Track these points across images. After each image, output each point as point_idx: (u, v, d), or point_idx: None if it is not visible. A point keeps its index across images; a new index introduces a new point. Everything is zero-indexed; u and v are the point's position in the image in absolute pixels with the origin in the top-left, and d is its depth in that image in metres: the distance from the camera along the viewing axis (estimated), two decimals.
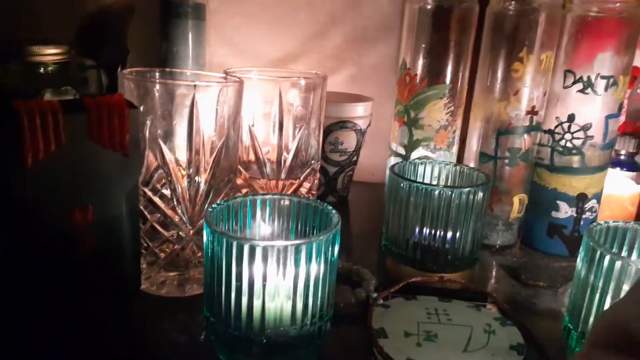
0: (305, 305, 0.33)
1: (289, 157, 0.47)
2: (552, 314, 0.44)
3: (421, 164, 0.50)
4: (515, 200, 0.54)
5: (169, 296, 0.41)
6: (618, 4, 0.48)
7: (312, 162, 0.49)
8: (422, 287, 0.45)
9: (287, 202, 0.36)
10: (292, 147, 0.47)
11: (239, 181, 0.48)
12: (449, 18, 0.51)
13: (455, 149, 0.56)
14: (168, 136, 0.40)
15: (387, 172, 0.54)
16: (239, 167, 0.47)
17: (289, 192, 0.48)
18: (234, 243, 0.31)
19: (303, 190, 0.49)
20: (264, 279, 0.32)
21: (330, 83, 0.75)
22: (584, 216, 0.54)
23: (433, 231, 0.45)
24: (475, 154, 0.56)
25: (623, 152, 0.65)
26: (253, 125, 0.48)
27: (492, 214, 0.55)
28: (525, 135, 0.53)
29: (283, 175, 0.47)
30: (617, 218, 0.60)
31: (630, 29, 0.49)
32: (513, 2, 0.50)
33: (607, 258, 0.33)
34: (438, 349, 0.37)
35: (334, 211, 0.35)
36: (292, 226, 0.37)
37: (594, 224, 0.36)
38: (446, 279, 0.45)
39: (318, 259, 0.33)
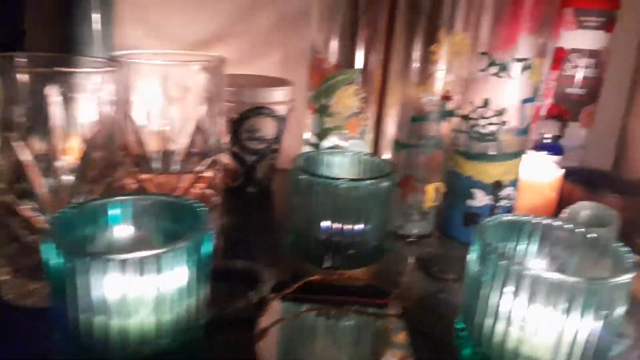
0: (174, 316, 0.31)
1: (181, 148, 0.43)
2: (457, 309, 0.43)
3: (330, 153, 0.48)
4: (430, 188, 0.52)
5: (36, 307, 0.37)
6: None
7: (214, 152, 0.46)
8: (322, 286, 0.42)
9: (148, 202, 0.33)
10: (186, 136, 0.43)
11: (129, 180, 0.44)
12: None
13: (369, 137, 0.54)
14: (31, 131, 0.35)
15: None
16: (126, 161, 0.43)
17: (185, 187, 0.44)
18: (83, 260, 0.27)
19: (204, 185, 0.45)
20: (121, 295, 0.29)
21: (258, 68, 0.71)
22: (499, 204, 0.52)
23: (338, 226, 0.43)
24: (392, 142, 0.53)
25: (548, 135, 0.64)
26: (148, 113, 0.44)
27: (408, 203, 0.53)
28: (442, 122, 0.51)
29: (177, 168, 0.43)
30: (537, 204, 0.59)
31: (544, 11, 0.47)
32: None
33: (503, 264, 0.30)
34: None
35: (204, 209, 0.32)
36: (160, 227, 0.34)
37: (487, 219, 0.34)
38: (347, 275, 0.43)
39: (185, 265, 0.30)
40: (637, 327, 0.41)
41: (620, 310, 0.30)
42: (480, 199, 0.52)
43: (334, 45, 0.49)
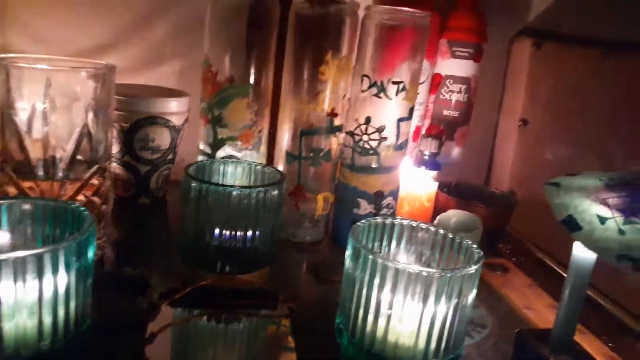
0: (55, 319, 0.30)
1: (65, 155, 0.42)
2: None
3: (223, 163, 0.49)
4: (320, 198, 0.56)
5: None
6: (406, 14, 0.52)
7: (101, 160, 0.46)
8: (214, 291, 0.44)
9: (27, 206, 0.33)
10: (70, 143, 0.43)
11: (10, 188, 0.42)
12: (251, 16, 0.51)
13: (263, 148, 0.56)
14: None
15: None
16: (7, 169, 0.42)
17: (70, 195, 0.44)
18: None
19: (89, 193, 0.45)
20: None
21: (154, 78, 0.71)
22: (381, 212, 0.57)
23: (228, 232, 0.45)
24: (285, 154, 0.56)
25: (427, 152, 0.71)
26: (31, 119, 0.43)
27: (299, 212, 0.56)
28: (332, 137, 0.55)
29: (60, 175, 0.42)
30: (415, 213, 0.65)
31: (417, 38, 0.53)
32: (316, 6, 0.51)
33: (370, 258, 0.34)
34: None
35: (86, 212, 0.32)
36: (39, 232, 0.34)
37: (359, 223, 0.38)
38: (238, 280, 0.44)
39: (66, 267, 0.30)
40: (496, 319, 0.48)
41: (470, 298, 0.35)
42: (365, 207, 0.56)
43: (227, 59, 0.51)
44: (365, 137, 0.55)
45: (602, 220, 0.37)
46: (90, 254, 0.32)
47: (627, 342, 0.47)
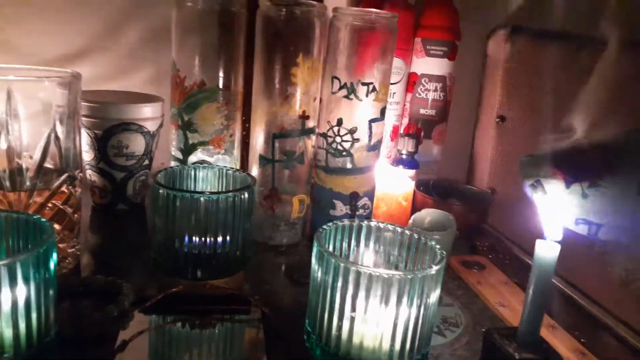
0: (16, 331, 0.30)
1: (32, 164, 0.42)
2: None
3: (193, 168, 0.49)
4: (295, 201, 0.56)
5: None
6: (373, 15, 0.52)
7: (71, 168, 0.46)
8: (185, 297, 0.44)
9: None
10: (37, 152, 0.42)
11: None
12: (219, 20, 0.51)
13: (236, 152, 0.56)
14: None
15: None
16: None
17: (38, 203, 0.43)
18: None
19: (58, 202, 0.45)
20: None
21: (130, 84, 0.71)
22: (357, 213, 0.57)
23: (198, 238, 0.45)
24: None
25: (404, 151, 0.71)
26: None
27: (275, 215, 0.56)
28: (306, 139, 0.55)
29: (27, 185, 0.42)
30: (393, 213, 0.65)
31: (385, 39, 0.53)
32: (283, 8, 0.51)
33: (333, 261, 0.34)
34: None
35: (47, 223, 0.32)
36: (2, 245, 0.34)
37: (323, 227, 0.38)
38: (209, 286, 0.44)
39: (24, 279, 0.30)
40: (470, 317, 0.48)
41: (433, 298, 0.35)
42: (341, 208, 0.57)
43: (196, 63, 0.51)
44: (337, 139, 0.55)
45: (568, 184, 0.37)
46: (52, 265, 0.32)
47: (598, 336, 0.48)
